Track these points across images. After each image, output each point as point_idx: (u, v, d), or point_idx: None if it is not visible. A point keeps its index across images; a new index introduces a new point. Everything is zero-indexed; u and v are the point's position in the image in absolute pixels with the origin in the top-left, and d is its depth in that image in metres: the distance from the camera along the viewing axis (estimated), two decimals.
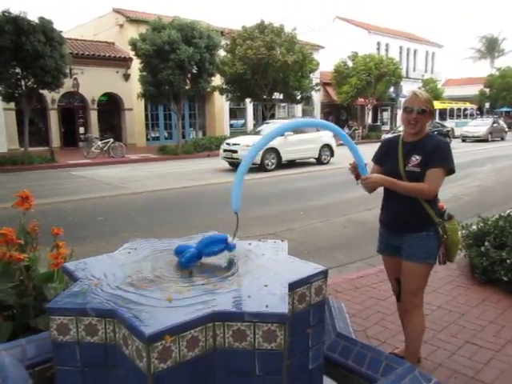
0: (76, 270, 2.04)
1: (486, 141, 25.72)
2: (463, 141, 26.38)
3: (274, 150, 14.24)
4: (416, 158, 2.43)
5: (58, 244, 2.87)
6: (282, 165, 14.61)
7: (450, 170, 2.43)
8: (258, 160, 13.24)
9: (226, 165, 14.79)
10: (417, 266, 2.50)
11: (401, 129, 22.21)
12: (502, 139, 27.65)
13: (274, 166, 14.17)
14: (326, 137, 15.84)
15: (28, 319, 2.60)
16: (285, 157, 14.67)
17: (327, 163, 15.91)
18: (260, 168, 13.53)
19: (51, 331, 1.70)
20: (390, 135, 20.38)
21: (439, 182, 2.40)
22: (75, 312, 1.66)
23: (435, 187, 2.39)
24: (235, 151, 14.03)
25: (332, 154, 16.19)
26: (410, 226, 2.49)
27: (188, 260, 2.10)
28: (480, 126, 27.19)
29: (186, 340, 1.54)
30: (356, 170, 2.45)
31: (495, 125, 27.72)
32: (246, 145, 13.32)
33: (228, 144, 14.81)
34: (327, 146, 16.04)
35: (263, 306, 1.63)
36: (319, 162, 15.89)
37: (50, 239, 2.98)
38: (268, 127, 14.98)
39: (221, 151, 15.05)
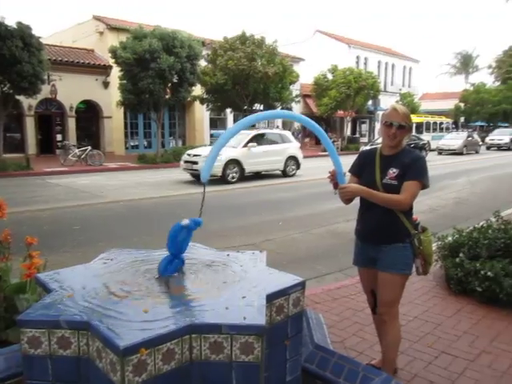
0: (50, 281, 1.99)
1: (461, 154, 26.36)
2: (439, 153, 26.97)
3: (237, 162, 13.60)
4: (393, 171, 2.47)
5: (32, 254, 2.80)
6: (245, 177, 13.93)
7: (424, 185, 2.47)
8: (219, 172, 12.79)
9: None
10: (393, 277, 2.52)
11: (378, 141, 22.13)
12: (477, 152, 28.39)
13: (236, 179, 13.46)
14: (292, 148, 15.57)
15: None
16: (248, 168, 14.00)
17: (293, 175, 15.32)
18: (221, 180, 12.93)
19: (22, 344, 1.65)
20: (367, 147, 20.70)
21: (415, 195, 2.44)
22: (48, 324, 1.62)
23: (411, 199, 2.43)
24: (195, 162, 13.20)
25: (298, 167, 15.65)
26: (386, 236, 2.52)
27: (165, 268, 2.08)
28: (455, 139, 27.88)
29: (162, 353, 1.52)
30: (334, 179, 2.47)
31: (470, 138, 28.47)
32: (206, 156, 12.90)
33: (189, 155, 14.00)
34: (293, 158, 15.51)
35: (241, 318, 1.62)
36: (285, 174, 15.25)
37: (24, 249, 2.91)
38: (237, 138, 13.96)
39: (181, 162, 14.23)
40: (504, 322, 3.59)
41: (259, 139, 14.80)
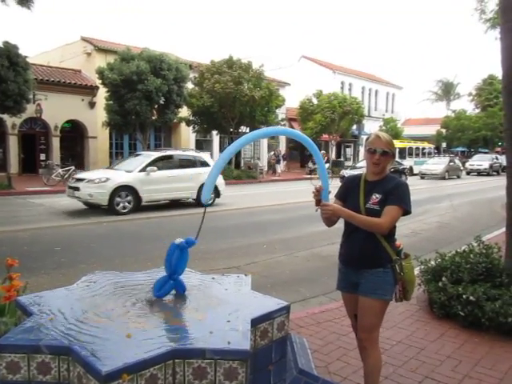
0: (30, 304, 1.95)
1: (443, 178, 26.82)
2: (422, 178, 27.41)
3: (130, 189, 11.16)
4: (376, 197, 2.50)
5: (12, 276, 2.74)
6: (142, 206, 11.62)
7: (405, 211, 2.49)
8: (103, 200, 10.81)
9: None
10: (373, 302, 2.52)
11: (360, 164, 21.91)
12: (458, 177, 28.92)
13: (128, 210, 11.09)
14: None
15: None
16: (146, 197, 11.54)
17: (211, 205, 11.97)
18: (109, 211, 10.86)
19: (0, 369, 1.61)
20: (349, 171, 20.82)
21: (395, 219, 2.46)
22: (27, 349, 1.58)
23: (390, 223, 2.45)
24: (77, 188, 11.07)
25: (218, 195, 12.94)
26: (367, 261, 2.53)
27: (159, 289, 2.08)
28: (437, 164, 28.41)
29: (145, 378, 1.49)
30: (319, 195, 2.48)
31: (451, 163, 29.03)
32: (91, 180, 11.10)
33: (73, 179, 12.18)
34: None
35: (225, 343, 1.61)
36: (200, 203, 11.55)
37: (3, 270, 2.85)
38: (136, 160, 12.54)
39: (66, 187, 12.07)
40: (486, 347, 3.61)
41: (164, 162, 12.56)
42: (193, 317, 1.86)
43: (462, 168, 30.79)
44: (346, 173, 20.79)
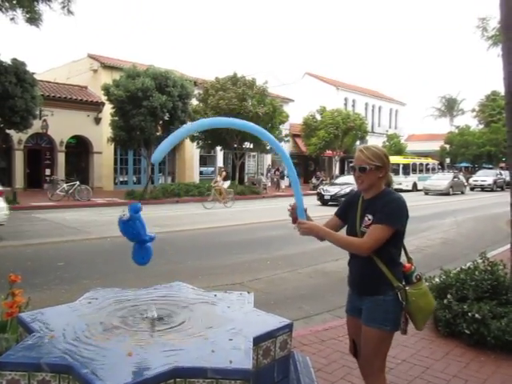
0: (32, 321, 1.95)
1: (447, 194, 26.74)
2: (426, 194, 27.34)
3: None
4: (369, 218, 2.32)
5: (14, 292, 2.73)
6: None
7: (394, 229, 2.25)
8: None
9: (200, 209, 13.91)
10: (372, 332, 2.33)
11: (339, 180, 20.93)
12: (462, 193, 28.84)
13: None
14: None
15: None
16: None
17: None
18: None
19: None
20: (327, 187, 20.83)
21: (378, 239, 2.22)
22: (28, 367, 1.58)
23: (372, 244, 2.22)
24: None
25: None
26: (367, 288, 2.36)
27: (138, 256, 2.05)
28: (441, 179, 28.37)
29: None
30: (294, 213, 2.38)
31: (455, 179, 28.99)
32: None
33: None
34: None
35: (227, 362, 1.59)
36: None
37: (6, 285, 2.84)
38: None
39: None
40: (492, 366, 3.55)
41: None
42: (194, 335, 1.85)
43: (466, 184, 30.73)
44: (324, 189, 20.44)
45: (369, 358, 2.40)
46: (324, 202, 19.54)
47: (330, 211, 2.60)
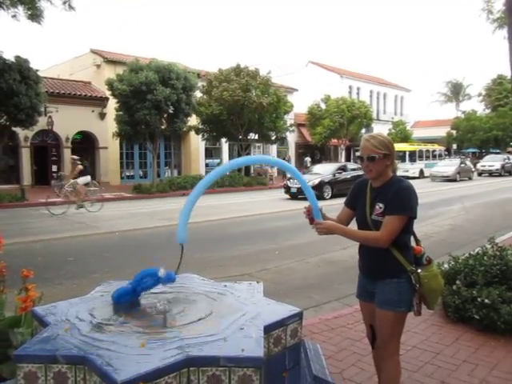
0: (46, 315, 1.98)
1: (454, 180, 26.54)
2: (432, 180, 27.17)
3: None
4: (380, 207, 2.36)
5: (27, 287, 2.78)
6: None
7: (409, 217, 2.33)
8: None
9: (207, 202, 14.20)
10: (387, 314, 2.41)
11: (315, 170, 18.79)
12: (470, 179, 28.60)
13: None
14: None
15: None
16: None
17: None
18: None
19: (18, 380, 1.64)
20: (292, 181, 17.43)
21: (394, 230, 2.29)
22: (44, 359, 1.61)
23: (389, 235, 2.29)
24: None
25: None
26: (381, 272, 2.42)
27: (120, 295, 2.08)
28: (448, 166, 28.12)
29: None
30: (310, 214, 2.42)
31: (462, 165, 28.73)
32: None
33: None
34: None
35: (239, 350, 1.61)
36: None
37: (18, 281, 2.88)
38: None
39: None
40: (502, 351, 3.56)
41: None
42: (206, 325, 1.87)
43: (473, 169, 30.46)
44: (291, 181, 17.47)
45: (386, 339, 2.47)
46: (292, 195, 17.28)
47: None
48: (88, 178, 14.21)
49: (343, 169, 19.04)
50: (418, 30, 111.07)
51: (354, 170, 19.25)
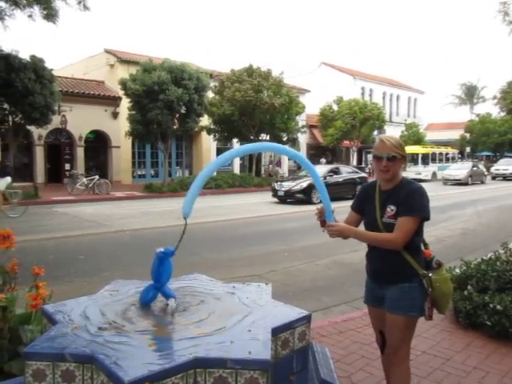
0: (55, 313, 1.99)
1: (466, 184, 26.19)
2: (444, 184, 26.85)
3: None
4: (391, 209, 2.34)
5: (38, 284, 2.80)
6: None
7: (422, 219, 2.32)
8: None
9: (216, 202, 14.53)
10: (398, 319, 2.37)
11: (303, 173, 16.87)
12: (482, 182, 28.20)
13: None
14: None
15: (2, 363, 2.50)
16: None
17: None
18: None
19: (26, 377, 1.65)
20: (286, 183, 16.76)
21: (409, 232, 2.27)
22: (52, 357, 1.62)
23: (404, 237, 2.26)
24: None
25: None
26: (392, 276, 2.39)
27: (145, 296, 2.10)
28: (460, 169, 27.71)
29: None
30: (322, 216, 2.37)
31: (475, 168, 28.34)
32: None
33: None
34: None
35: (246, 352, 1.61)
36: None
37: (29, 278, 2.91)
38: None
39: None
40: None
41: None
42: (214, 326, 1.87)
43: (486, 173, 30.00)
44: (279, 184, 16.89)
45: (396, 345, 2.44)
46: (280, 198, 16.43)
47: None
48: (8, 180, 12.69)
49: (336, 171, 18.05)
50: (432, 32, 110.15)
51: (349, 173, 18.61)
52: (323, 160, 31.32)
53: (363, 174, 19.79)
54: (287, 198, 16.24)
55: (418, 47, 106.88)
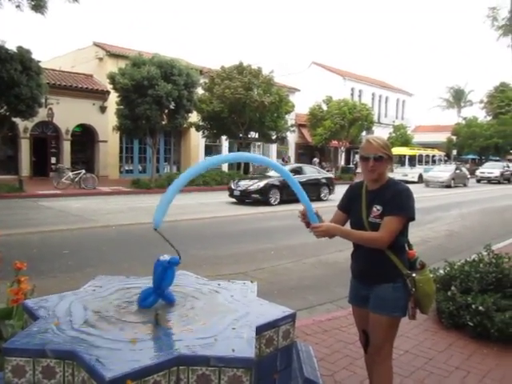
0: (37, 308, 1.96)
1: (448, 186, 26.30)
2: (426, 186, 26.89)
3: None
4: (377, 209, 2.36)
5: (20, 279, 2.76)
6: None
7: (408, 219, 2.35)
8: None
9: (203, 199, 14.44)
10: (382, 319, 2.39)
11: (271, 173, 15.37)
12: (465, 185, 28.25)
13: None
14: None
15: None
16: None
17: None
18: None
19: (5, 373, 1.62)
20: (246, 182, 15.76)
21: (394, 231, 2.29)
22: (33, 353, 1.59)
23: (389, 236, 2.28)
24: None
25: None
26: (376, 276, 2.40)
27: (144, 298, 2.07)
28: (443, 171, 27.76)
29: None
30: (306, 218, 2.36)
31: (458, 171, 28.40)
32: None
33: None
34: None
35: (230, 350, 1.60)
36: None
37: (12, 272, 2.87)
38: None
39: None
40: (495, 359, 3.55)
41: None
42: (198, 323, 1.86)
43: (468, 176, 30.16)
44: (236, 183, 15.83)
45: (379, 344, 2.46)
46: (237, 198, 15.49)
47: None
48: None
49: (298, 171, 16.54)
50: (421, 35, 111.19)
51: (313, 173, 17.61)
52: (316, 160, 31.41)
53: (329, 175, 19.11)
54: (244, 198, 15.33)
55: (408, 50, 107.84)
